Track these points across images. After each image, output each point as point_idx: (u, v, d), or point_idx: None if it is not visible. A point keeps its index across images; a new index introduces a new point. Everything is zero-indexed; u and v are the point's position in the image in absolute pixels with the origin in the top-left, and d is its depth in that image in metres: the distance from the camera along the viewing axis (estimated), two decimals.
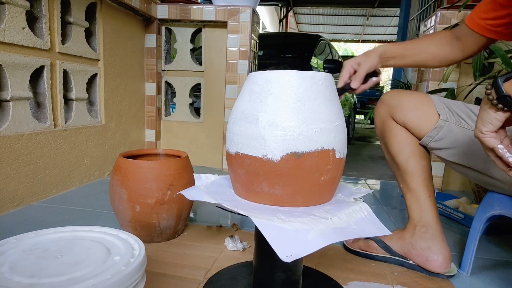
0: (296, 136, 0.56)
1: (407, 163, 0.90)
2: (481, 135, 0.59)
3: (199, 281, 0.82)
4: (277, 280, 0.66)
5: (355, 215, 0.59)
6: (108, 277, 0.46)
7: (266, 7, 10.06)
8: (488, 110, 0.58)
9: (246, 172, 0.60)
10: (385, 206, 1.53)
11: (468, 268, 0.91)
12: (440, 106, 0.85)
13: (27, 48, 1.22)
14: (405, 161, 0.91)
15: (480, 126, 0.59)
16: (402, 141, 0.91)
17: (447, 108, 0.85)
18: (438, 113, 0.85)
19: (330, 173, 0.59)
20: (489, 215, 0.85)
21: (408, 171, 0.91)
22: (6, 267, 0.47)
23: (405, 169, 0.91)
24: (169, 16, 1.97)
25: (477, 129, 0.60)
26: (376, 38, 13.20)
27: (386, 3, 8.65)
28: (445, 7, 1.77)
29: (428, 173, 0.91)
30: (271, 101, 0.58)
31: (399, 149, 0.91)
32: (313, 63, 3.18)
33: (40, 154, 1.30)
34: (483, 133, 0.59)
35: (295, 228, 0.52)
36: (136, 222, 0.96)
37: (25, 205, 1.25)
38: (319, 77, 0.59)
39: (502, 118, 0.57)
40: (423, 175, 0.90)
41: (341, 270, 0.91)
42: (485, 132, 0.59)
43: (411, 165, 0.90)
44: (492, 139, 0.59)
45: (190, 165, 1.04)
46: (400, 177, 0.94)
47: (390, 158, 0.96)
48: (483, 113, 0.59)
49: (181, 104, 2.13)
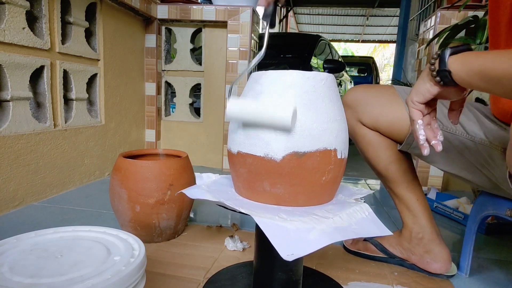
0: (298, 135, 0.56)
1: (387, 170, 0.86)
2: (411, 104, 0.58)
3: (199, 281, 0.82)
4: (277, 280, 0.66)
5: (356, 215, 0.59)
6: (108, 277, 0.46)
7: None
8: (425, 80, 0.56)
9: (248, 171, 0.60)
10: (385, 206, 1.53)
11: (466, 269, 0.90)
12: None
13: (27, 48, 1.22)
14: (385, 169, 0.86)
15: (413, 95, 0.58)
16: (377, 148, 0.85)
17: None
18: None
19: (332, 173, 0.59)
20: (482, 215, 0.85)
21: (390, 178, 0.86)
22: (6, 267, 0.47)
23: (387, 176, 0.87)
24: (169, 16, 1.97)
25: (409, 96, 0.58)
26: (376, 38, 13.21)
27: (386, 3, 8.65)
28: (445, 7, 1.77)
29: (412, 175, 0.87)
30: (274, 100, 0.58)
31: (376, 157, 0.86)
32: (313, 63, 3.18)
33: (40, 154, 1.30)
34: (414, 103, 0.58)
35: (296, 227, 0.52)
36: (136, 222, 0.96)
37: (25, 205, 1.25)
38: (321, 78, 0.59)
39: (435, 92, 0.55)
40: (406, 180, 0.86)
41: (341, 270, 0.91)
42: (415, 103, 0.57)
43: (392, 172, 0.85)
44: (417, 111, 0.58)
45: (190, 165, 1.04)
46: (384, 183, 0.91)
47: (369, 163, 0.91)
48: (419, 82, 0.57)
49: (181, 104, 2.13)
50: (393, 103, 0.82)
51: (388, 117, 0.81)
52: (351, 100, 0.86)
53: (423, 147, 0.57)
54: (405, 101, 0.63)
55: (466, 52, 0.52)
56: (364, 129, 0.85)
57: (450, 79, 0.52)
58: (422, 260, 0.89)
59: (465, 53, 0.52)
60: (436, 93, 0.55)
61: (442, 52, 0.54)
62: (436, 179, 1.83)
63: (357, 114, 0.85)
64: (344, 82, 4.11)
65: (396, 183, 0.87)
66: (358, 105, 0.84)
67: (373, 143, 0.85)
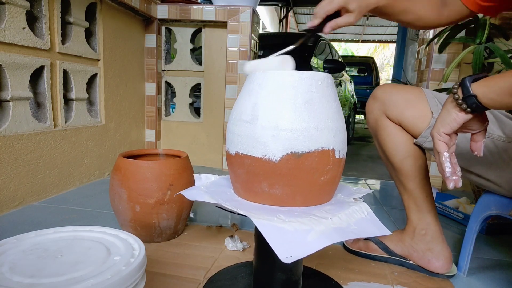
0: (295, 136, 0.56)
1: (402, 164, 0.88)
2: (437, 136, 0.58)
3: (199, 281, 0.82)
4: (277, 280, 0.66)
5: (355, 215, 0.59)
6: (108, 277, 0.46)
7: (266, 7, 10.05)
8: (450, 110, 0.57)
9: (246, 172, 0.60)
10: (385, 206, 1.53)
11: (464, 268, 0.90)
12: (433, 103, 0.82)
13: (27, 48, 1.22)
14: (401, 162, 0.88)
15: (439, 126, 0.58)
16: (397, 141, 0.88)
17: (440, 104, 0.81)
18: (431, 111, 0.81)
19: (330, 173, 0.59)
20: (485, 215, 0.85)
21: (404, 172, 0.88)
22: (6, 267, 0.47)
23: (401, 170, 0.88)
24: (169, 16, 1.97)
25: (435, 128, 0.59)
26: (376, 38, 13.21)
27: None
28: None
29: (425, 173, 0.89)
30: (271, 101, 0.58)
31: (394, 149, 0.88)
32: (313, 63, 3.17)
33: (40, 154, 1.30)
34: (440, 134, 0.58)
35: (295, 228, 0.52)
36: (136, 222, 0.96)
37: (25, 205, 1.25)
38: (319, 78, 0.59)
39: (461, 120, 0.56)
40: (419, 176, 0.88)
41: (341, 270, 0.91)
42: (441, 134, 0.58)
43: (407, 166, 0.87)
44: (443, 143, 0.58)
45: (190, 165, 1.04)
46: (396, 177, 0.92)
47: (385, 157, 0.93)
48: (444, 113, 0.58)
49: (181, 104, 2.13)
50: (419, 100, 0.84)
51: (413, 111, 0.84)
52: (380, 93, 0.89)
53: (448, 180, 0.58)
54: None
55: (487, 77, 0.54)
56: (387, 121, 0.88)
57: (477, 104, 0.54)
58: (424, 258, 0.89)
59: (487, 78, 0.54)
60: (462, 121, 0.56)
61: (463, 80, 0.55)
62: (436, 179, 1.83)
63: (384, 106, 0.87)
64: (344, 82, 4.11)
65: (409, 177, 0.88)
66: (387, 98, 0.87)
67: (393, 135, 0.88)
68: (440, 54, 1.75)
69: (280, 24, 9.72)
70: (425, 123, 0.82)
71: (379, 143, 0.93)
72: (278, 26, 9.97)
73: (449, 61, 1.74)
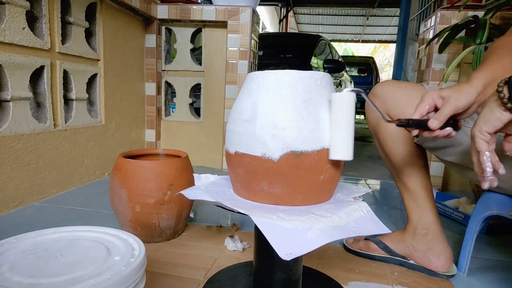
0: (295, 135, 0.56)
1: (404, 163, 0.88)
2: (478, 135, 0.57)
3: (199, 281, 0.82)
4: (277, 280, 0.66)
5: (354, 214, 0.59)
6: (108, 277, 0.46)
7: (266, 7, 10.06)
8: (494, 109, 0.55)
9: (246, 171, 0.60)
10: (385, 206, 1.53)
11: (464, 268, 0.90)
12: None
13: (27, 48, 1.22)
14: (402, 162, 0.88)
15: (481, 125, 0.56)
16: (398, 141, 0.87)
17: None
18: None
19: (329, 172, 0.59)
20: (486, 215, 0.84)
21: (405, 171, 0.88)
22: (6, 267, 0.47)
23: (402, 169, 0.89)
24: (169, 16, 1.97)
25: (477, 127, 0.57)
26: (376, 38, 13.20)
27: (386, 3, 8.64)
28: (445, 7, 1.77)
29: (426, 172, 0.89)
30: (270, 100, 0.58)
31: (395, 149, 0.88)
32: (313, 63, 3.18)
33: (40, 154, 1.30)
34: (482, 133, 0.56)
35: (294, 226, 0.52)
36: (136, 222, 0.96)
37: (25, 205, 1.25)
38: (317, 77, 0.59)
39: (506, 119, 0.55)
40: (420, 175, 0.88)
41: (341, 270, 0.91)
42: (484, 133, 0.56)
43: (408, 165, 0.87)
44: (484, 142, 0.56)
45: (190, 165, 1.04)
46: (397, 176, 0.92)
47: (385, 156, 0.93)
48: (488, 111, 0.56)
49: (181, 104, 2.13)
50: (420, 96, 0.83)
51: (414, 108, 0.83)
52: (381, 91, 0.87)
53: (485, 181, 0.57)
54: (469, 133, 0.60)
55: None
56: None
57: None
58: (425, 257, 0.89)
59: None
60: (506, 121, 0.55)
61: (509, 79, 0.54)
62: (436, 179, 1.83)
63: (384, 105, 0.86)
64: (344, 82, 4.11)
65: (410, 177, 0.88)
66: (387, 97, 0.85)
67: (395, 135, 0.87)
68: (440, 54, 1.75)
69: (280, 24, 9.73)
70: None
71: (379, 142, 0.92)
72: (278, 26, 9.98)
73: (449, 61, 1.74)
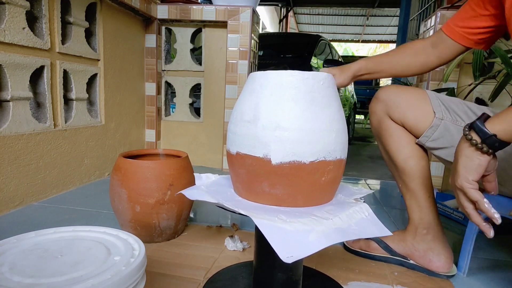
0: (297, 136, 0.56)
1: (405, 164, 0.88)
2: (467, 185, 0.55)
3: (199, 281, 0.82)
4: (277, 280, 0.66)
5: (355, 216, 0.59)
6: (108, 277, 0.46)
7: (266, 7, 10.07)
8: (472, 156, 0.55)
9: (247, 172, 0.60)
10: (385, 206, 1.53)
11: (464, 268, 0.90)
12: (436, 103, 0.83)
13: (27, 48, 1.22)
14: (404, 162, 0.88)
15: (466, 175, 0.55)
16: (400, 141, 0.88)
17: (443, 105, 0.83)
18: (434, 111, 0.82)
19: (331, 173, 0.59)
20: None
21: (407, 172, 0.89)
22: (6, 267, 0.47)
23: (404, 169, 0.89)
24: (169, 16, 1.97)
25: (462, 178, 0.56)
26: (376, 38, 13.21)
27: (386, 3, 8.65)
28: (445, 7, 1.77)
29: (427, 173, 0.89)
30: (272, 101, 0.58)
31: (397, 150, 0.89)
32: (313, 63, 3.17)
33: (40, 154, 1.30)
34: (470, 183, 0.55)
35: (296, 228, 0.52)
36: (136, 222, 0.96)
37: (25, 205, 1.25)
38: (320, 78, 0.59)
39: (486, 163, 0.54)
40: (422, 175, 0.88)
41: (341, 270, 0.91)
42: (471, 182, 0.55)
43: (409, 166, 0.88)
44: (476, 191, 0.55)
45: (190, 165, 1.04)
46: (398, 177, 0.93)
47: (388, 157, 0.94)
48: (466, 160, 0.55)
49: (181, 104, 2.13)
50: (422, 101, 0.85)
51: (416, 112, 0.85)
52: (384, 95, 0.90)
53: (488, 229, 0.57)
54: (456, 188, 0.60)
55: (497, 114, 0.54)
56: (390, 122, 0.89)
57: (500, 142, 0.53)
58: (425, 257, 0.89)
59: (499, 115, 0.54)
60: (486, 164, 0.55)
61: (473, 125, 0.55)
62: (436, 179, 1.83)
63: (387, 108, 0.88)
64: None
65: (411, 177, 0.89)
66: (390, 100, 0.88)
67: (396, 135, 0.88)
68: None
69: (280, 24, 9.73)
70: (427, 123, 0.83)
71: (382, 143, 0.93)
72: (278, 26, 9.98)
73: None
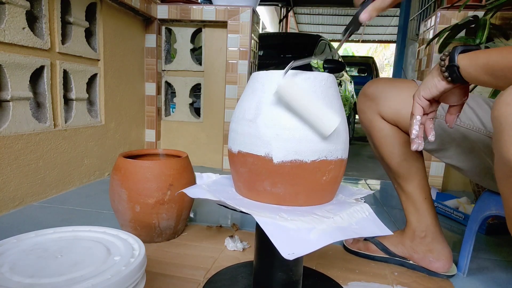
0: (299, 135, 0.56)
1: (400, 166, 0.85)
2: (416, 99, 0.60)
3: (199, 281, 0.82)
4: (277, 280, 0.66)
5: (356, 215, 0.59)
6: (108, 277, 0.46)
7: (266, 7, 10.06)
8: (434, 76, 0.58)
9: (248, 171, 0.60)
10: (385, 206, 1.53)
11: (464, 268, 0.90)
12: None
13: (27, 48, 1.22)
14: (398, 165, 0.85)
15: (420, 90, 0.60)
16: (393, 143, 0.84)
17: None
18: None
19: (332, 173, 0.59)
20: (485, 215, 0.84)
21: (401, 174, 0.86)
22: (6, 267, 0.47)
23: (398, 172, 0.86)
24: (169, 16, 1.97)
25: (417, 91, 0.61)
26: (376, 38, 13.21)
27: None
28: (445, 7, 1.77)
29: (423, 174, 0.87)
30: (275, 100, 0.58)
31: (390, 152, 0.85)
32: (313, 63, 3.17)
33: (40, 154, 1.30)
34: (419, 98, 0.60)
35: (297, 226, 0.52)
36: (136, 222, 0.96)
37: (25, 205, 1.25)
38: (322, 78, 0.59)
39: (442, 88, 0.57)
40: (417, 177, 0.86)
41: (341, 270, 0.91)
42: (421, 97, 0.60)
43: (404, 168, 0.85)
44: (419, 106, 0.60)
45: (190, 165, 1.04)
46: (393, 178, 0.90)
47: (381, 158, 0.90)
48: (428, 78, 0.59)
49: (181, 104, 2.13)
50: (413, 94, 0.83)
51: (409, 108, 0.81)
52: (372, 91, 0.84)
53: (412, 142, 0.62)
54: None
55: (476, 50, 0.55)
56: (382, 123, 0.84)
57: (457, 74, 0.55)
58: (424, 259, 0.89)
59: (474, 51, 0.55)
60: (442, 89, 0.58)
61: (453, 49, 0.56)
62: (436, 179, 1.83)
63: (377, 106, 0.83)
64: (344, 82, 4.11)
65: (407, 180, 0.86)
66: (379, 97, 0.82)
67: (390, 138, 0.84)
68: (440, 54, 1.75)
69: (280, 24, 9.73)
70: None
71: (374, 144, 0.90)
72: (278, 26, 9.98)
73: None
